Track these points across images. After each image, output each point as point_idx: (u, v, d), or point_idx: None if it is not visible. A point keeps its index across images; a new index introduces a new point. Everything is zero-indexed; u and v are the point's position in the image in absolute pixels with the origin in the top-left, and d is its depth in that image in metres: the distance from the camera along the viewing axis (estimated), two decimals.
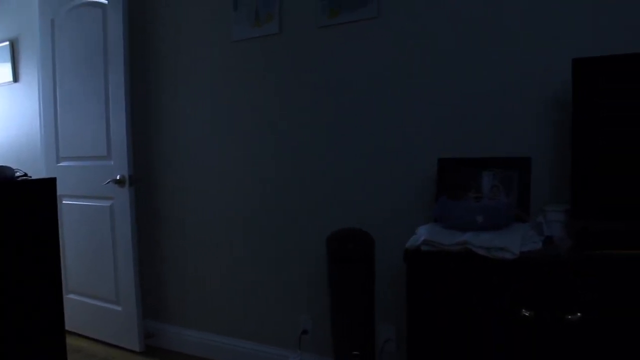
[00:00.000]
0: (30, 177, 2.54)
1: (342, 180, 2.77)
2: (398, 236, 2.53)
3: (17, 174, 2.48)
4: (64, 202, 3.64)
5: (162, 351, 3.45)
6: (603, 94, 1.97)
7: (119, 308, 3.45)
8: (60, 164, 3.68)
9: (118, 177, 3.31)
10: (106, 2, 3.33)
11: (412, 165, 2.57)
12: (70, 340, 3.38)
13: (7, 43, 4.13)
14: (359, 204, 2.72)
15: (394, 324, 2.65)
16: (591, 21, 2.18)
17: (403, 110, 2.58)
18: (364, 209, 2.71)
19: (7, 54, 4.12)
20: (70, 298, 3.67)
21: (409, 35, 2.55)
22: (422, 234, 2.00)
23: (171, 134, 3.39)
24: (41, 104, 3.78)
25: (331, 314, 2.50)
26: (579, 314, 1.77)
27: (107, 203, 3.43)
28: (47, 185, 2.51)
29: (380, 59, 2.62)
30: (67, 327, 3.03)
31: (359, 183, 2.72)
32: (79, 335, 3.68)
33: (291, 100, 2.90)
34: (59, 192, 3.20)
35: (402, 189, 2.60)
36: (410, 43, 2.55)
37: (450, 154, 2.44)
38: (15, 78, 4.13)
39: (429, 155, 2.51)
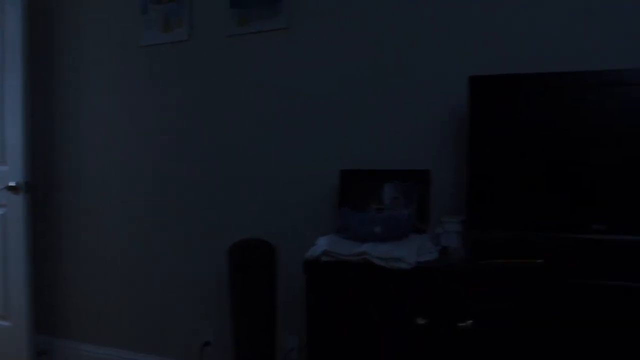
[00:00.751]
0: None
1: (246, 191, 2.75)
2: (302, 247, 2.54)
3: None
4: None
5: None
6: (497, 111, 2.05)
7: (8, 324, 3.24)
8: None
9: (13, 184, 3.13)
10: None
11: (316, 177, 2.58)
12: None
13: None
14: (263, 214, 2.70)
15: (298, 334, 2.64)
16: (488, 41, 2.29)
17: (308, 122, 2.60)
18: (268, 219, 2.69)
19: None
20: None
21: (318, 49, 2.57)
22: (322, 244, 2.00)
23: (74, 140, 3.25)
24: None
25: (232, 325, 2.46)
26: (470, 321, 1.83)
27: None
28: None
29: (289, 70, 2.63)
30: None
31: (263, 194, 2.70)
32: None
33: (198, 108, 2.85)
34: None
35: (306, 200, 2.61)
36: (319, 56, 2.57)
37: (354, 166, 2.47)
38: None
39: (332, 167, 2.53)
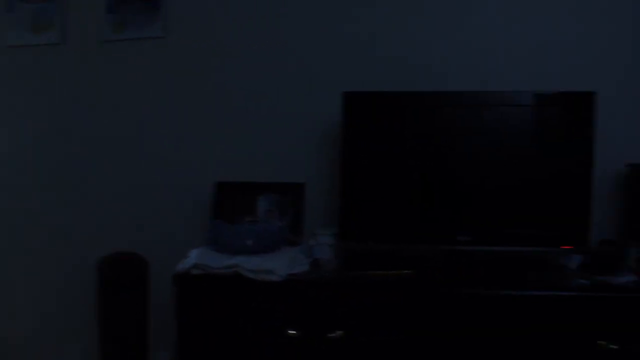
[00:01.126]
0: None
1: (117, 202, 2.66)
2: (177, 260, 2.48)
3: None
4: None
5: None
6: (369, 126, 2.14)
7: None
8: None
9: None
10: None
11: (191, 188, 2.56)
12: None
13: None
14: (135, 227, 2.63)
15: (171, 350, 2.58)
16: (365, 58, 2.40)
17: (184, 132, 2.57)
18: (139, 232, 2.62)
19: None
20: None
21: (194, 59, 2.56)
22: (193, 257, 1.99)
23: None
24: None
25: (100, 344, 2.37)
26: (340, 332, 1.88)
27: None
28: None
29: (164, 80, 2.59)
30: None
31: (136, 205, 2.63)
32: None
33: (69, 113, 2.72)
34: None
35: (181, 211, 2.57)
36: (194, 67, 2.56)
37: (229, 178, 2.47)
38: None
39: (208, 178, 2.51)
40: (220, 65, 2.53)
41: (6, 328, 2.86)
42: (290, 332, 1.90)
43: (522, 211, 2.08)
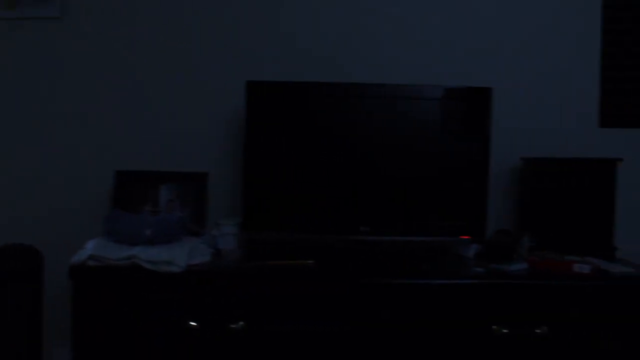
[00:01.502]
0: None
1: (10, 193, 2.48)
2: (74, 252, 2.37)
3: None
4: None
5: None
6: (273, 116, 2.13)
7: None
8: None
9: None
10: None
11: (89, 177, 2.43)
12: None
13: None
14: (28, 217, 2.47)
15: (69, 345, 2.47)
16: (270, 47, 2.39)
17: (80, 118, 2.44)
18: (35, 224, 2.44)
19: None
20: None
21: (92, 43, 2.43)
22: (89, 248, 1.91)
23: None
24: None
25: None
26: (241, 322, 1.86)
27: None
28: None
29: (60, 62, 2.44)
30: None
31: (30, 196, 2.47)
32: None
33: None
34: None
35: (79, 202, 2.44)
36: (95, 51, 2.43)
37: (130, 167, 2.37)
38: None
39: (107, 167, 2.39)
40: (122, 50, 2.43)
41: None
42: (191, 323, 1.86)
43: (423, 203, 2.14)
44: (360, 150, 2.13)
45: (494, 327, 1.87)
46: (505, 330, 1.86)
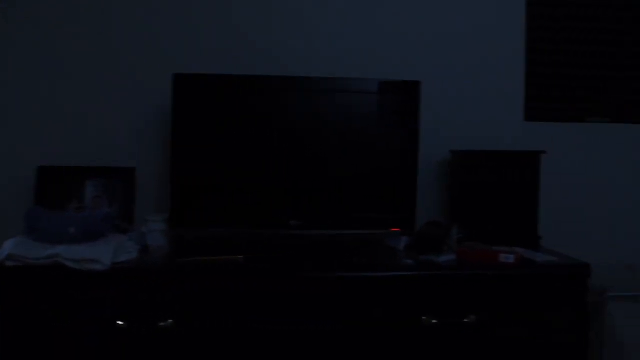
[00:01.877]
0: None
1: None
2: None
3: None
4: None
5: None
6: (201, 110, 2.09)
7: None
8: None
9: None
10: None
11: (9, 173, 2.32)
12: None
13: None
14: None
15: None
16: (192, 42, 2.35)
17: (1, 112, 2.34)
18: None
19: None
20: None
21: (19, 39, 2.33)
22: (7, 248, 1.82)
23: None
24: None
25: None
26: (170, 320, 1.82)
27: None
28: None
29: None
30: None
31: None
32: None
33: None
34: None
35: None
36: (19, 46, 2.33)
37: (53, 162, 2.28)
38: None
39: (28, 163, 2.28)
40: (43, 40, 2.33)
41: None
42: (119, 322, 1.81)
43: (354, 196, 2.15)
44: (290, 144, 2.12)
45: (424, 317, 1.89)
46: (434, 321, 1.89)
